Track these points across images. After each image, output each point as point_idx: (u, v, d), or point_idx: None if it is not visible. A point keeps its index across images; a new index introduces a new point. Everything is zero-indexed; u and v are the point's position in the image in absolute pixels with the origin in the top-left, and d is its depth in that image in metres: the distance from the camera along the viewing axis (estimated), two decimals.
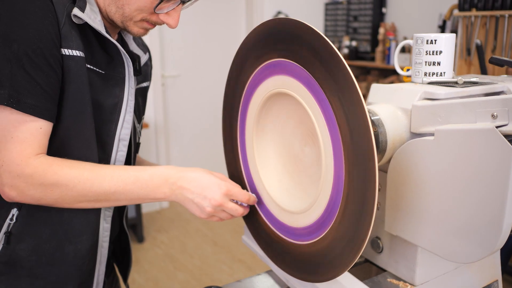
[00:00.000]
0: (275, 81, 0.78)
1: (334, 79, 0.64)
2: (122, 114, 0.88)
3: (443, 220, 0.71)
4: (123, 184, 0.79)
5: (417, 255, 0.81)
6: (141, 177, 0.81)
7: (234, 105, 0.91)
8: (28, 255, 0.83)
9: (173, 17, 0.86)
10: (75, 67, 0.79)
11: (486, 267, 0.93)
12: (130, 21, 0.85)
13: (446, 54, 0.87)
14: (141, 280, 2.68)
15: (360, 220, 0.64)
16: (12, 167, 0.74)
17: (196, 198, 0.80)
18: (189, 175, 0.82)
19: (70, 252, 0.86)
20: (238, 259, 2.93)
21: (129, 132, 0.90)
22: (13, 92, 0.72)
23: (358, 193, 0.64)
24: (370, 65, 3.72)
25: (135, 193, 0.80)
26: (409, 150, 0.75)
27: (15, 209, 0.82)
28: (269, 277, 0.99)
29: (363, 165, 0.62)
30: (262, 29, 0.77)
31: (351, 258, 0.67)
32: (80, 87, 0.80)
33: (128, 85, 0.89)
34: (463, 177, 0.67)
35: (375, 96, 0.87)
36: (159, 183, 0.81)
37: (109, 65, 0.86)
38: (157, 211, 3.70)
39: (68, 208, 0.84)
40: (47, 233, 0.84)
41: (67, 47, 0.78)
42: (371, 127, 0.59)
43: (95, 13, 0.82)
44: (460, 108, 0.74)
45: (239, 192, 0.83)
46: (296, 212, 0.78)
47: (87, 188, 0.78)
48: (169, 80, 3.75)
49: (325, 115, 0.67)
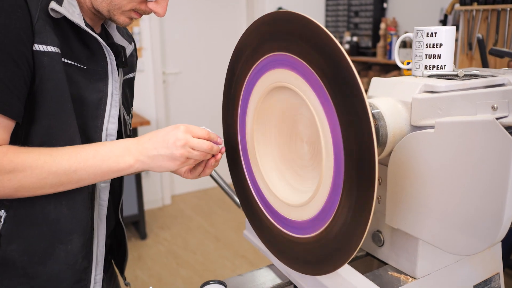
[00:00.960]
0: (275, 75, 0.78)
1: (335, 72, 0.64)
2: (108, 109, 0.87)
3: (444, 212, 0.71)
4: (83, 161, 0.77)
5: (418, 248, 0.81)
6: (100, 150, 0.79)
7: (235, 99, 0.91)
8: (20, 255, 0.83)
9: (161, 6, 0.85)
10: (50, 63, 0.77)
11: (487, 260, 0.93)
12: (118, 11, 0.84)
13: (447, 47, 0.87)
14: (144, 277, 2.69)
15: (359, 213, 0.64)
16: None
17: (160, 150, 0.78)
18: (145, 137, 0.81)
19: (61, 252, 0.85)
20: (241, 254, 2.94)
21: (116, 127, 0.89)
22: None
23: (357, 186, 0.64)
24: (372, 60, 3.71)
25: (97, 167, 0.78)
26: (410, 143, 0.75)
27: (2, 210, 0.81)
28: (270, 271, 0.99)
29: (363, 158, 0.62)
30: (261, 23, 0.77)
31: (350, 251, 0.67)
32: (58, 84, 0.78)
33: (112, 79, 0.88)
34: (463, 169, 0.67)
35: (375, 90, 0.87)
36: (119, 152, 0.79)
37: (90, 60, 0.85)
38: (159, 208, 3.71)
39: (54, 208, 0.83)
40: (36, 234, 0.83)
41: (40, 43, 0.76)
42: (371, 120, 0.59)
43: (73, 6, 0.81)
44: (460, 101, 0.74)
45: (197, 128, 0.81)
46: (297, 205, 0.79)
47: (46, 170, 0.75)
48: (170, 77, 3.76)
49: (325, 108, 0.67)
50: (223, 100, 0.95)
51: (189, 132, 0.79)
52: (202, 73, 3.89)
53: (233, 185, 1.00)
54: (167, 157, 0.79)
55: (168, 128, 0.80)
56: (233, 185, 1.00)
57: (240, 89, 0.88)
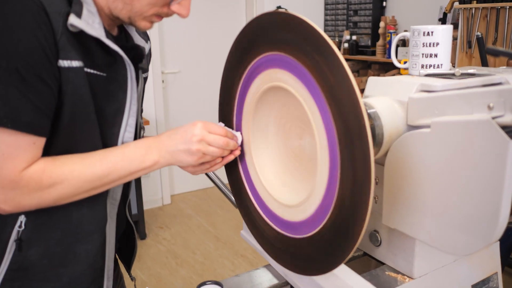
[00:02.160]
0: (270, 75, 0.77)
1: (328, 72, 0.63)
2: (125, 118, 0.87)
3: (441, 212, 0.71)
4: (113, 164, 0.80)
5: (415, 248, 0.81)
6: (126, 152, 0.82)
7: (231, 99, 0.91)
8: (39, 259, 0.83)
9: (185, 7, 0.83)
10: (75, 78, 0.76)
11: (485, 260, 0.93)
12: (140, 17, 0.82)
13: (443, 46, 0.86)
14: (143, 277, 2.69)
15: (356, 213, 0.64)
16: (5, 183, 0.73)
17: (179, 145, 0.82)
18: (164, 134, 0.85)
19: (82, 252, 0.86)
20: (240, 254, 2.94)
21: (132, 136, 0.89)
22: (6, 112, 0.70)
23: (353, 187, 0.64)
24: (371, 59, 3.70)
25: (126, 169, 0.81)
26: (406, 142, 0.75)
27: (22, 216, 0.81)
28: (267, 272, 0.99)
29: (359, 158, 0.62)
30: (256, 24, 0.77)
31: (347, 251, 0.67)
32: (83, 97, 0.78)
33: (131, 89, 0.87)
34: (459, 169, 0.67)
35: (372, 89, 0.86)
36: (144, 152, 0.83)
37: (110, 67, 0.83)
38: (159, 208, 3.71)
39: (76, 211, 0.84)
40: (57, 236, 0.84)
41: (65, 58, 0.74)
42: (366, 120, 0.59)
43: (93, 15, 0.78)
44: (456, 100, 0.73)
45: (214, 125, 0.85)
46: (293, 205, 0.78)
47: (82, 179, 0.78)
48: (169, 76, 3.75)
49: (320, 108, 0.67)
50: (219, 98, 0.95)
51: (206, 129, 0.83)
52: (201, 73, 3.89)
53: (229, 184, 1.00)
54: (185, 152, 0.82)
55: (187, 125, 0.84)
56: (229, 184, 1.00)
57: (236, 88, 0.88)
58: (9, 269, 0.82)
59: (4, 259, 0.82)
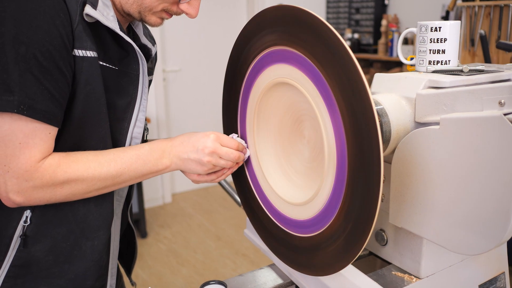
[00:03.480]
0: (276, 70, 0.76)
1: (338, 68, 0.62)
2: (135, 113, 0.87)
3: (450, 211, 0.70)
4: (127, 165, 0.80)
5: (423, 247, 0.80)
6: (141, 154, 0.81)
7: (235, 95, 0.90)
8: (45, 255, 0.82)
9: (194, 7, 0.84)
10: (89, 68, 0.76)
11: (492, 259, 0.92)
12: (149, 12, 0.83)
13: (451, 42, 0.85)
14: (144, 276, 2.68)
15: (364, 212, 0.62)
16: (20, 173, 0.72)
17: (190, 154, 0.82)
18: (178, 139, 0.85)
19: (87, 249, 0.85)
20: (242, 253, 2.93)
21: (141, 131, 0.89)
22: (23, 99, 0.69)
23: (361, 186, 0.62)
24: (373, 57, 3.69)
25: (138, 170, 0.81)
26: (414, 140, 0.74)
27: (28, 210, 0.80)
28: (271, 271, 0.98)
29: (368, 156, 0.60)
30: (263, 16, 0.75)
31: (355, 251, 0.65)
32: (95, 88, 0.77)
33: (142, 84, 0.87)
34: (469, 167, 0.65)
35: (378, 86, 0.85)
36: (158, 155, 0.82)
37: (123, 61, 0.84)
38: (160, 206, 3.70)
39: (83, 206, 0.83)
40: (63, 232, 0.83)
41: (80, 48, 0.75)
42: (376, 117, 0.57)
43: (108, 8, 0.79)
44: (466, 96, 0.72)
45: (227, 138, 0.84)
46: (299, 203, 0.77)
47: (96, 178, 0.77)
48: (171, 74, 3.74)
49: (328, 105, 0.66)
50: (223, 95, 0.93)
51: (218, 141, 0.82)
52: (202, 71, 3.87)
53: (234, 183, 0.98)
54: (195, 162, 0.82)
55: (200, 134, 0.83)
56: (234, 183, 0.98)
57: (240, 84, 0.86)
58: (12, 266, 0.81)
59: (8, 255, 0.81)
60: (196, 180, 0.87)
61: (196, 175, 0.86)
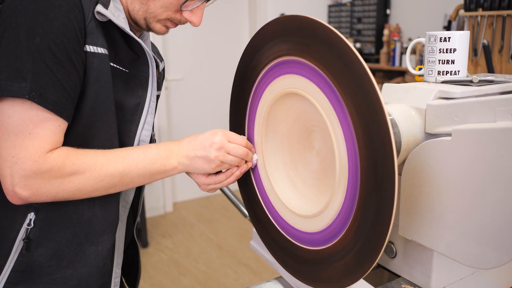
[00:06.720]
0: (285, 81, 0.75)
1: (352, 82, 0.61)
2: (144, 115, 0.87)
3: (461, 223, 0.68)
4: (135, 163, 0.79)
5: (433, 260, 0.78)
6: (148, 153, 0.81)
7: (242, 106, 0.89)
8: (48, 260, 0.80)
9: (197, 15, 0.85)
10: (99, 65, 0.76)
11: (504, 272, 0.90)
12: (154, 19, 0.84)
13: (460, 52, 0.84)
14: (146, 286, 2.66)
15: (376, 230, 0.61)
16: (28, 164, 0.70)
17: (198, 152, 0.81)
18: (185, 140, 0.84)
19: (91, 254, 0.83)
20: (244, 263, 2.90)
21: (149, 134, 0.89)
22: (35, 86, 0.69)
23: (374, 203, 0.61)
24: (375, 67, 3.69)
25: (147, 170, 0.80)
26: (425, 151, 0.73)
27: (32, 213, 0.78)
28: (278, 284, 0.96)
29: (381, 172, 0.59)
30: (274, 26, 0.75)
31: (366, 266, 0.64)
32: (105, 86, 0.78)
33: (151, 86, 0.88)
34: (482, 179, 0.64)
35: (387, 96, 0.84)
36: (165, 155, 0.82)
37: (133, 64, 0.85)
38: (161, 216, 3.67)
39: (88, 209, 0.82)
40: (67, 236, 0.81)
41: (91, 44, 0.75)
42: (391, 129, 0.56)
43: (119, 11, 0.80)
44: (478, 107, 0.71)
45: (235, 134, 0.84)
46: (307, 216, 0.76)
47: (103, 173, 0.76)
48: (173, 83, 3.74)
49: (341, 119, 0.65)
50: (231, 101, 0.93)
51: (226, 137, 0.82)
52: (204, 80, 3.88)
53: (240, 192, 0.97)
54: (203, 159, 0.81)
55: (207, 133, 0.83)
56: (240, 192, 0.97)
57: (249, 91, 0.86)
58: (13, 271, 0.79)
59: (9, 260, 0.79)
60: (204, 183, 0.85)
61: (204, 176, 0.85)
